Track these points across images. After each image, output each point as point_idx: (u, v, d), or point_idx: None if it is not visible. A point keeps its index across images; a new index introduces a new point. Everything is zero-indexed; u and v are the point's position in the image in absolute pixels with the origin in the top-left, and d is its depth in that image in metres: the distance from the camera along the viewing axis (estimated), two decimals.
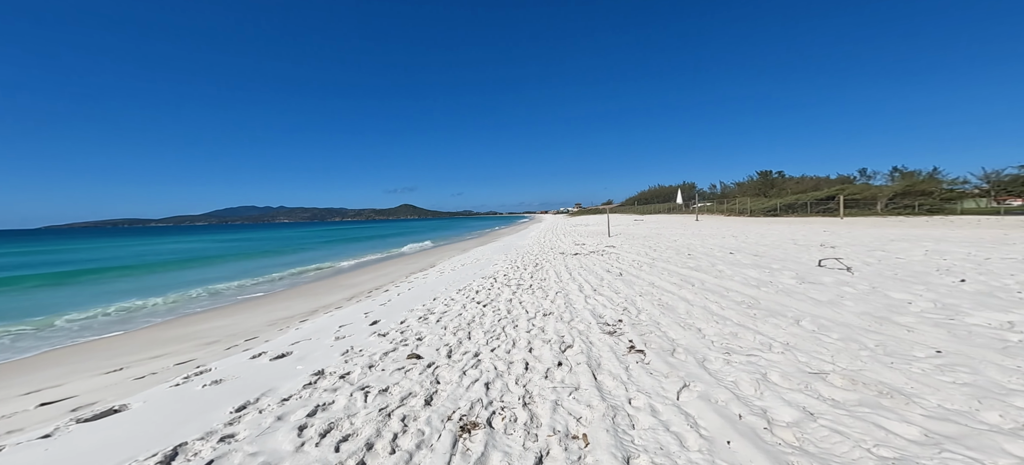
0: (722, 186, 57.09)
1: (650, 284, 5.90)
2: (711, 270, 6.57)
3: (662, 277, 6.32)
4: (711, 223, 21.63)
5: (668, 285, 5.71)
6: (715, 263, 7.21)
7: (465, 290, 6.62)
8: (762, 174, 46.07)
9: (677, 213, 40.73)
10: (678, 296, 5.05)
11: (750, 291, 4.99)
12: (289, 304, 8.66)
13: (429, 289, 7.43)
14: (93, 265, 19.35)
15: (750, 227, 16.41)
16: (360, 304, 7.15)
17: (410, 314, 5.17)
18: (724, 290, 5.15)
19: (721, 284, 5.51)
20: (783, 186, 38.33)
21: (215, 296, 10.54)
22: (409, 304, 5.98)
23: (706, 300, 4.74)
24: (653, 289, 5.54)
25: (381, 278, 11.71)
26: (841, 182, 33.26)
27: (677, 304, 4.67)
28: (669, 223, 23.73)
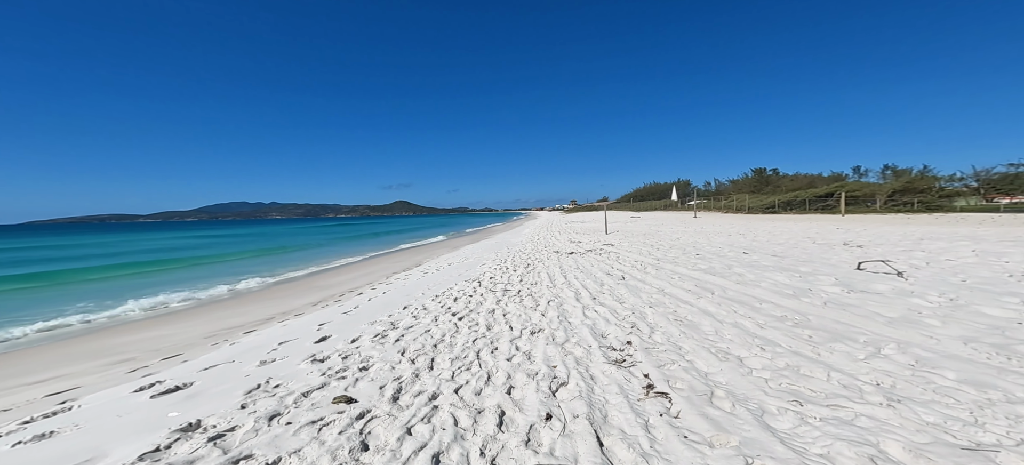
0: (717, 183, 56.69)
1: (659, 291, 4.95)
2: (729, 274, 5.64)
3: (673, 282, 5.38)
4: (710, 220, 20.84)
5: (682, 293, 4.76)
6: (730, 265, 6.28)
7: (442, 296, 5.63)
8: (757, 171, 45.73)
9: (672, 210, 40.08)
10: (698, 308, 4.10)
11: (788, 303, 4.06)
12: (247, 309, 7.60)
13: (404, 294, 6.43)
14: (48, 266, 17.97)
15: (753, 224, 15.60)
16: (324, 311, 6.13)
17: (369, 328, 4.17)
18: (755, 301, 4.21)
19: (748, 292, 4.57)
20: (778, 183, 38.06)
21: (176, 300, 9.41)
22: (374, 314, 4.98)
23: (735, 314, 3.80)
24: (664, 298, 4.58)
25: (360, 279, 10.67)
26: (835, 180, 32.88)
27: (699, 320, 3.72)
28: (667, 220, 22.92)
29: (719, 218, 22.72)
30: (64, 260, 20.22)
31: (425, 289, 6.60)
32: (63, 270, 15.74)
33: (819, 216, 20.42)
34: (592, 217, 35.66)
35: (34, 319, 7.24)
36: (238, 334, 5.38)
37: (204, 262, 18.28)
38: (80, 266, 17.16)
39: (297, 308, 7.18)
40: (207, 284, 11.25)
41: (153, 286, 11.10)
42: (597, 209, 70.79)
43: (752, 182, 41.53)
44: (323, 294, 8.66)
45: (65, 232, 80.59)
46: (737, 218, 22.05)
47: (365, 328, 4.21)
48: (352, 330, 4.20)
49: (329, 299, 7.82)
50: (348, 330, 4.22)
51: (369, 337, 3.75)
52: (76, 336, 6.32)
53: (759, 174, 44.38)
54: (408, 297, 6.01)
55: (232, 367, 3.33)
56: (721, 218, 22.67)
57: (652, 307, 4.26)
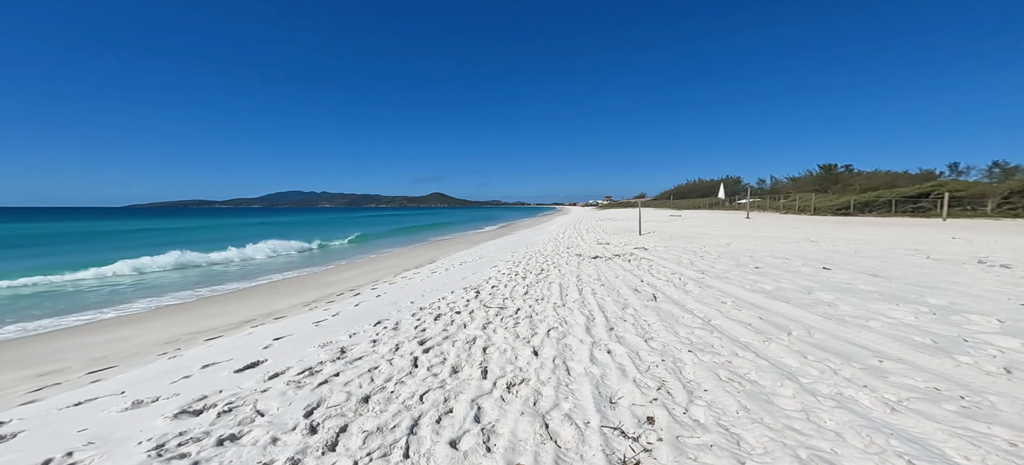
0: (773, 181, 50.97)
1: (704, 323, 3.59)
2: (809, 301, 4.10)
3: (724, 310, 3.97)
4: (766, 222, 18.20)
5: (738, 329, 3.38)
6: (808, 287, 4.68)
7: (427, 309, 4.66)
8: (825, 168, 40.44)
9: (719, 209, 36.47)
10: (767, 360, 2.74)
11: (932, 362, 2.57)
12: (236, 305, 7.17)
13: (392, 301, 5.56)
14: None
15: (824, 229, 13.12)
16: (295, 319, 5.42)
17: (313, 353, 3.28)
18: (866, 354, 2.75)
19: (850, 337, 3.09)
20: (850, 181, 33.29)
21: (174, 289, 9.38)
22: (338, 329, 4.12)
23: (837, 378, 2.41)
24: (712, 336, 3.24)
25: (371, 275, 10.09)
26: (926, 178, 27.93)
27: (772, 384, 2.39)
28: (712, 220, 20.47)
29: (777, 220, 19.87)
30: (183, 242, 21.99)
31: (418, 295, 5.69)
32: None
33: (911, 220, 17.08)
34: (625, 214, 33.35)
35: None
36: (196, 341, 4.77)
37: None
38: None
39: (286, 308, 6.58)
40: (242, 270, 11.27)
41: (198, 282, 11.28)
42: (633, 206, 67.04)
43: (818, 180, 36.80)
44: (321, 292, 8.10)
45: (179, 216, 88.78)
46: (800, 220, 19.13)
47: (309, 353, 3.32)
48: (295, 354, 3.33)
49: (321, 300, 7.19)
50: (291, 354, 3.36)
51: (294, 372, 2.82)
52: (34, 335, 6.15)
53: (827, 171, 39.15)
54: (393, 306, 5.12)
55: (83, 412, 2.54)
56: (779, 220, 19.81)
57: (693, 351, 2.96)
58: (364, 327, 4.09)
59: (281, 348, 3.60)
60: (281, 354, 3.38)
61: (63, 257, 14.54)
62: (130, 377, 3.22)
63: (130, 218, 66.26)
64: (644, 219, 22.79)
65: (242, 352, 3.63)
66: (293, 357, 3.24)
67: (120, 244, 20.19)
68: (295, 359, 3.17)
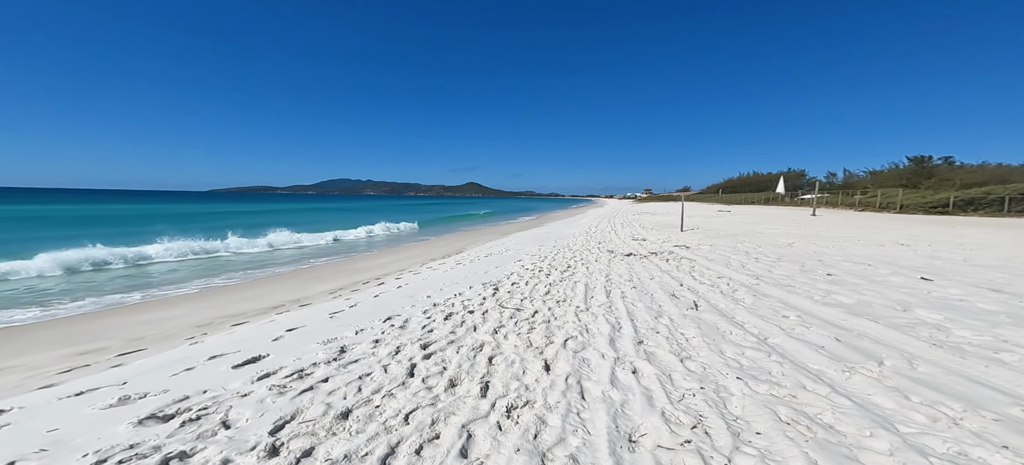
0: (846, 174, 45.18)
1: (759, 341, 2.95)
2: (905, 322, 3.26)
3: (786, 327, 3.26)
4: (837, 220, 16.04)
5: (804, 350, 2.71)
6: (903, 301, 3.78)
7: (441, 306, 4.40)
8: (915, 160, 34.62)
9: (778, 205, 33.03)
10: (848, 399, 2.10)
11: None
12: (275, 288, 7.44)
13: (409, 294, 5.40)
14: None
15: (915, 229, 11.20)
16: (329, 304, 5.40)
17: (312, 351, 3.12)
18: (1015, 407, 2.03)
19: (979, 376, 2.33)
20: (947, 176, 28.05)
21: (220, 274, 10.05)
22: (347, 324, 3.98)
23: (969, 438, 1.75)
24: (768, 358, 2.62)
25: (398, 263, 10.17)
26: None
27: (861, 438, 1.79)
28: (769, 216, 18.46)
29: (852, 218, 17.45)
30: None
31: (436, 289, 5.47)
32: None
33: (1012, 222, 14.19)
34: (666, 208, 31.31)
35: None
36: (207, 330, 4.90)
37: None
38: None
39: (306, 297, 6.70)
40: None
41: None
42: (675, 200, 62.98)
43: (906, 173, 31.50)
44: (350, 279, 8.21)
45: (265, 200, 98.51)
46: (882, 219, 16.64)
47: (309, 350, 3.16)
48: (296, 350, 3.20)
49: (348, 288, 7.26)
50: (294, 349, 3.24)
51: (285, 373, 2.64)
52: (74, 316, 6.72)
53: (918, 163, 33.45)
54: (409, 300, 4.93)
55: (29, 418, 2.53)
56: (855, 218, 17.38)
57: (743, 378, 2.38)
58: (373, 323, 3.90)
59: (288, 342, 3.50)
60: (284, 349, 3.27)
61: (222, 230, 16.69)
62: (143, 365, 3.26)
63: (228, 201, 74.65)
64: (687, 214, 21.14)
65: (252, 344, 3.58)
66: (293, 354, 3.10)
67: (249, 223, 22.61)
68: (293, 357, 3.02)
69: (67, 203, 52.23)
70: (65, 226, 21.05)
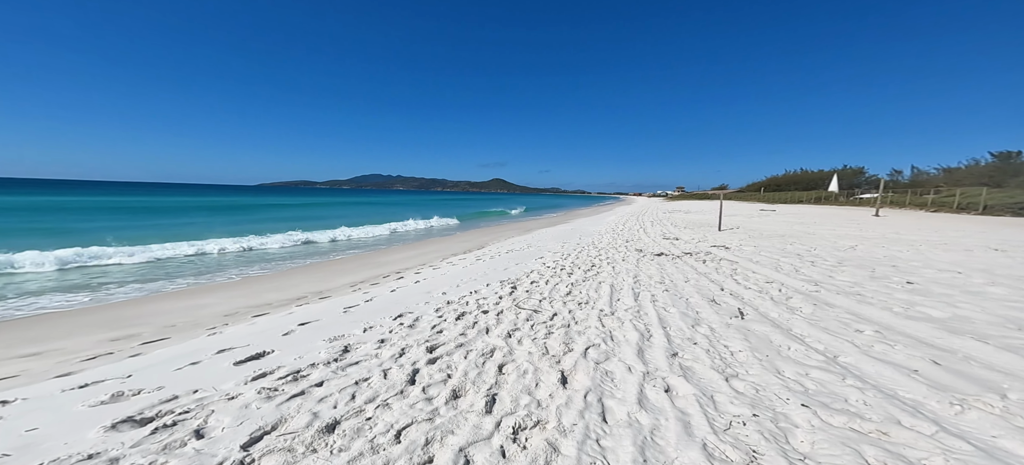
0: (914, 172, 40.50)
1: (827, 359, 2.43)
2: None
3: (861, 343, 2.70)
4: (904, 221, 14.28)
5: (891, 374, 2.18)
6: (1015, 318, 3.06)
7: (454, 304, 4.15)
8: (1000, 156, 30.38)
9: (831, 204, 30.25)
10: (964, 440, 1.59)
11: None
12: (302, 279, 7.57)
13: (425, 290, 5.22)
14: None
15: (1008, 232, 9.64)
16: (346, 299, 5.34)
17: (315, 349, 2.96)
18: None
19: None
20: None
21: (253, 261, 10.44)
22: (356, 321, 3.83)
23: None
24: (842, 382, 2.11)
25: (420, 258, 10.12)
26: None
27: None
28: (821, 216, 16.80)
29: (923, 219, 15.50)
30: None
31: (452, 286, 5.25)
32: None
33: None
34: (701, 207, 29.49)
35: None
36: (227, 321, 4.95)
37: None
38: None
39: (327, 290, 6.72)
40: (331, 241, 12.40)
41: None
42: (710, 198, 59.45)
43: (989, 171, 27.65)
44: (372, 272, 8.22)
45: (306, 194, 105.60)
46: (962, 221, 14.63)
47: (313, 348, 3.01)
48: (300, 348, 3.05)
49: (368, 281, 7.23)
50: (299, 346, 3.10)
51: (281, 374, 2.47)
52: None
53: (1004, 159, 29.33)
54: (424, 296, 4.74)
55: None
56: (927, 219, 15.42)
57: (811, 406, 1.91)
58: (383, 320, 3.72)
59: (296, 337, 3.38)
60: (290, 345, 3.14)
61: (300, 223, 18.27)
62: (157, 356, 3.25)
63: (278, 195, 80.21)
64: (726, 213, 19.73)
65: (263, 338, 3.50)
66: (297, 351, 2.96)
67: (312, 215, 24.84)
68: (296, 355, 2.87)
69: (135, 195, 57.53)
70: (141, 215, 23.25)
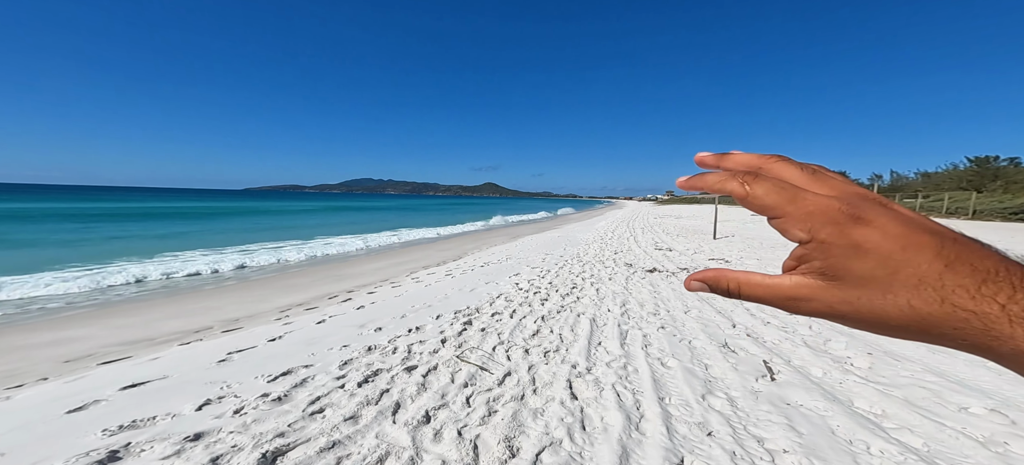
0: (893, 176, 41.33)
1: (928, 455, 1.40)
2: None
3: (983, 436, 1.69)
4: None
5: None
6: None
7: (379, 353, 3.04)
8: (977, 161, 31.16)
9: None
10: None
11: None
12: (198, 306, 6.33)
13: (361, 322, 4.09)
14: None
15: (1008, 236, 8.97)
16: (260, 329, 4.18)
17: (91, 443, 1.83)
18: None
19: None
20: (1015, 178, 25.35)
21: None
22: (256, 367, 2.69)
23: None
24: None
25: (388, 270, 8.95)
26: None
27: None
28: None
29: None
30: None
31: (396, 316, 4.13)
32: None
33: None
34: (691, 211, 28.96)
35: None
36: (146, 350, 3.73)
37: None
38: None
39: (251, 316, 5.50)
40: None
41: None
42: (700, 203, 59.30)
43: (967, 175, 28.34)
44: (319, 291, 7.00)
45: (298, 198, 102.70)
46: (961, 227, 14.10)
47: (83, 442, 1.87)
48: (97, 423, 1.91)
49: (303, 305, 6.02)
50: (87, 427, 1.96)
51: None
52: None
53: (982, 164, 29.98)
54: (351, 333, 3.62)
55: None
56: None
57: None
58: (255, 379, 2.59)
59: (122, 403, 2.23)
60: (38, 440, 1.99)
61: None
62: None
63: (265, 199, 77.63)
64: (718, 219, 18.99)
65: (102, 392, 2.33)
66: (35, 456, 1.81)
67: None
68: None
69: (94, 200, 54.46)
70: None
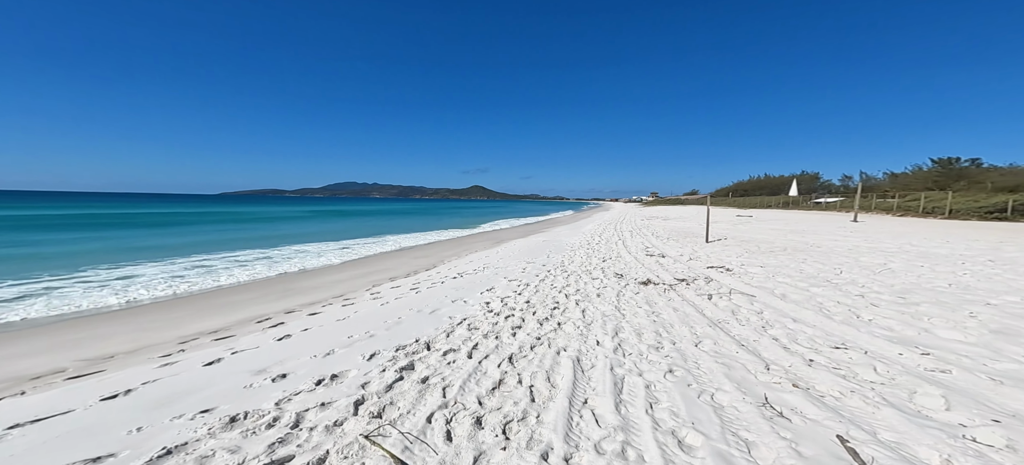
0: (863, 177, 42.92)
1: None
2: None
3: None
4: (885, 226, 13.58)
5: None
6: None
7: (286, 407, 2.17)
8: (941, 162, 32.74)
9: (799, 209, 30.62)
10: None
11: None
12: (155, 320, 5.27)
13: (280, 357, 3.19)
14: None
15: (1014, 236, 8.77)
16: (187, 357, 3.21)
17: None
18: None
19: None
20: (978, 178, 26.70)
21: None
22: (72, 432, 1.76)
23: None
24: None
25: (343, 284, 8.01)
26: None
27: None
28: (804, 223, 15.98)
29: (902, 224, 14.87)
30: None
31: (322, 352, 3.25)
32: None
33: None
34: (678, 213, 28.85)
35: None
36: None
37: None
38: None
39: (180, 339, 4.48)
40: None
41: None
42: (684, 204, 60.01)
43: (932, 176, 29.72)
44: (266, 309, 6.02)
45: (275, 203, 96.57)
46: (939, 226, 14.08)
47: None
48: None
49: (238, 325, 5.05)
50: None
51: None
52: None
53: (945, 165, 31.47)
54: (252, 378, 2.72)
55: None
56: (906, 224, 14.79)
57: None
58: (114, 437, 1.68)
59: None
60: None
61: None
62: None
63: (242, 204, 72.89)
64: (704, 219, 18.71)
65: None
66: None
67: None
68: None
69: (54, 207, 50.62)
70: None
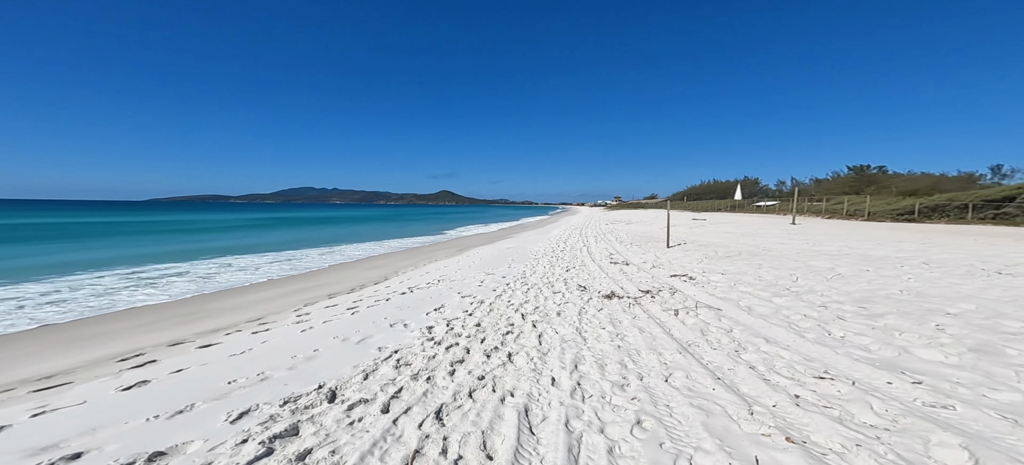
0: (793, 183, 47.40)
1: None
2: None
3: None
4: (821, 228, 14.64)
5: None
6: None
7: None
8: (856, 169, 37.03)
9: (745, 212, 32.88)
10: None
11: None
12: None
13: (143, 401, 2.30)
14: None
15: (913, 235, 9.61)
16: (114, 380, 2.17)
17: None
18: None
19: None
20: (885, 183, 30.63)
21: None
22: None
23: None
24: None
25: (272, 303, 6.93)
26: (966, 181, 25.09)
27: None
28: (752, 226, 16.87)
29: (835, 227, 16.10)
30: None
31: (186, 402, 2.42)
32: None
33: (994, 229, 13.42)
34: (640, 216, 29.78)
35: None
36: None
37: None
38: None
39: (67, 371, 3.34)
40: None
41: None
42: (645, 207, 62.65)
43: (849, 181, 33.50)
44: (169, 336, 4.90)
45: (206, 210, 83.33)
46: (866, 228, 15.41)
47: None
48: None
49: (115, 360, 3.98)
50: None
51: None
52: None
53: (859, 172, 35.56)
54: (85, 437, 1.86)
55: None
56: (839, 227, 16.04)
57: None
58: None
59: None
60: None
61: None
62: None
63: (179, 211, 63.83)
64: (663, 223, 19.26)
65: None
66: None
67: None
68: None
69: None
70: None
